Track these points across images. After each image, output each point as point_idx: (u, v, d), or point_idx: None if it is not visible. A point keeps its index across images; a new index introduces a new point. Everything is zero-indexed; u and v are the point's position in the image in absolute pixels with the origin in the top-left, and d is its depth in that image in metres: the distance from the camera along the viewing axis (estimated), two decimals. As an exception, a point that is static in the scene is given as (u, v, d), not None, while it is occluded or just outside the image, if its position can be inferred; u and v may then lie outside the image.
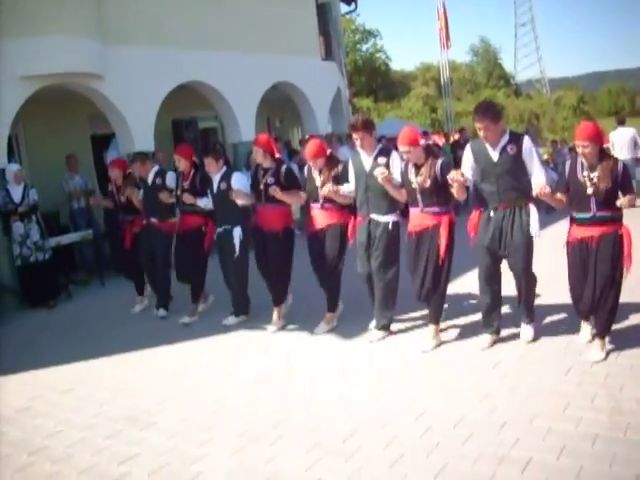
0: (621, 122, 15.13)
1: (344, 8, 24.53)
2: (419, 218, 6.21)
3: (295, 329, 7.30)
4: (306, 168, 7.18)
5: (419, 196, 6.13)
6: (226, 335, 7.34)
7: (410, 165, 6.19)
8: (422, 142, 6.18)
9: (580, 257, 5.54)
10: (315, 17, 16.35)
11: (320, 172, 6.90)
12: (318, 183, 6.87)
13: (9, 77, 9.83)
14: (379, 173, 6.10)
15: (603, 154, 5.44)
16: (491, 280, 6.01)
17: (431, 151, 6.25)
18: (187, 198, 7.77)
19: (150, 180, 8.34)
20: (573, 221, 5.63)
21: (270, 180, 7.14)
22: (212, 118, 16.21)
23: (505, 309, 6.65)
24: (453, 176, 5.65)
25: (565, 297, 6.04)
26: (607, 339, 5.61)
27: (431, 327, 6.36)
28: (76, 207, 11.72)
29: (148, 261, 8.50)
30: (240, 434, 4.81)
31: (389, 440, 4.45)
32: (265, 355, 6.58)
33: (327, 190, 6.60)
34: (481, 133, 5.78)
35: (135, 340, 7.46)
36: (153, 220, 8.34)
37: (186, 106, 14.29)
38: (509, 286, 6.13)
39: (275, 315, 7.43)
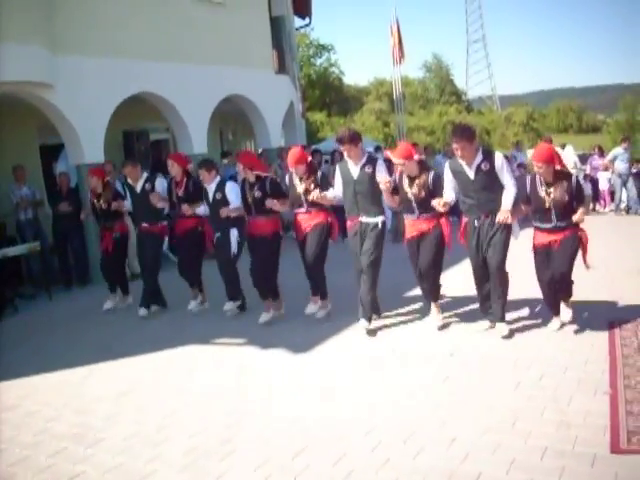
0: (562, 147, 16.91)
1: (298, 22, 24.67)
2: (416, 224, 6.92)
3: (247, 343, 7.23)
4: (287, 176, 7.84)
5: (414, 205, 6.84)
6: (177, 349, 7.22)
7: (404, 177, 6.85)
8: (416, 157, 6.84)
9: (544, 256, 6.36)
10: (269, 30, 16.32)
11: (301, 179, 7.50)
12: (300, 189, 7.46)
13: (-45, 85, 9.59)
14: (384, 182, 6.72)
15: (558, 172, 6.21)
16: (482, 278, 6.69)
17: (424, 165, 6.95)
18: (186, 209, 8.23)
19: (139, 186, 8.71)
20: (537, 229, 6.47)
21: (257, 194, 7.63)
22: (164, 130, 16.07)
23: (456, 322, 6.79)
24: (436, 204, 6.48)
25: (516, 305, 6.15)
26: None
27: (433, 306, 7.17)
28: (23, 218, 11.46)
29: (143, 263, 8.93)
30: (189, 450, 4.73)
31: (339, 457, 4.42)
32: (217, 369, 6.49)
33: (315, 196, 7.20)
34: (458, 152, 6.39)
35: (84, 354, 7.31)
36: (144, 225, 8.75)
37: (137, 117, 14.14)
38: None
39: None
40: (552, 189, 6.15)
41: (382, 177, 6.83)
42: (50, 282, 10.93)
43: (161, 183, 8.69)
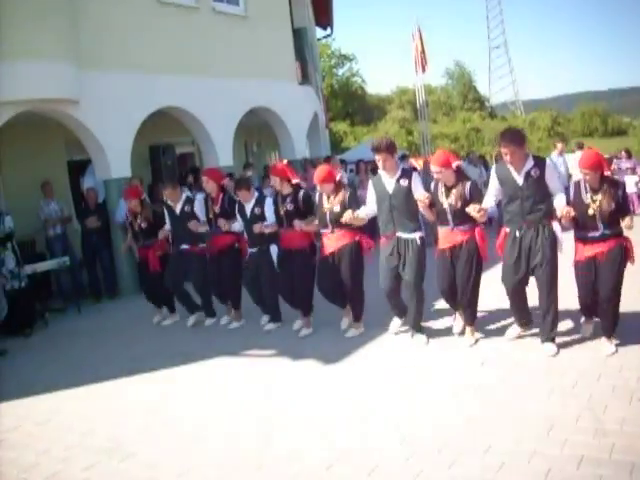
0: (580, 147, 16.33)
1: (320, 33, 24.76)
2: (450, 236, 6.67)
3: (275, 355, 7.22)
4: (317, 194, 7.49)
5: (449, 216, 6.60)
6: (208, 362, 7.24)
7: (440, 185, 6.65)
8: (454, 164, 6.58)
9: (589, 272, 6.02)
10: (291, 42, 16.39)
11: (328, 197, 7.28)
12: (326, 209, 7.26)
13: (-15, 102, 9.72)
14: (421, 199, 6.53)
15: (605, 178, 5.91)
16: (516, 294, 6.39)
17: (461, 173, 6.69)
18: (222, 223, 8.13)
19: (179, 208, 8.66)
20: (579, 240, 6.11)
21: (289, 207, 7.61)
22: (189, 143, 16.17)
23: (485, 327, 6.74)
24: (470, 211, 6.19)
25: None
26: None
27: (468, 329, 6.85)
28: (52, 234, 11.58)
29: (179, 284, 8.82)
30: (220, 464, 4.72)
31: (372, 467, 4.39)
32: (248, 382, 6.47)
33: (347, 218, 6.85)
34: (507, 158, 6.11)
35: (115, 369, 7.34)
36: (184, 247, 8.68)
37: (163, 131, 14.22)
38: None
39: (305, 322, 7.88)
40: (598, 196, 5.85)
41: (420, 193, 6.63)
42: (79, 296, 11.03)
43: (200, 204, 8.59)
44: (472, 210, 6.17)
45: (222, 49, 13.83)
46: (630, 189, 16.31)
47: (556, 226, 6.16)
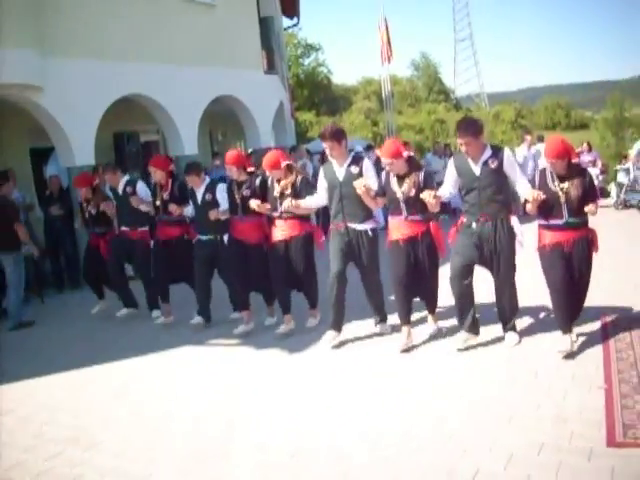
0: (541, 140, 16.71)
1: (286, 22, 24.67)
2: (403, 226, 6.44)
3: (239, 345, 7.23)
4: (269, 180, 7.28)
5: (403, 205, 6.37)
6: (170, 352, 7.24)
7: (392, 175, 6.44)
8: (405, 154, 6.38)
9: (557, 259, 5.82)
10: (258, 30, 16.32)
11: (279, 181, 7.09)
12: (275, 193, 7.07)
13: (-56, 88, 9.56)
14: (358, 186, 6.32)
15: (572, 166, 5.77)
16: (459, 281, 6.20)
17: (413, 162, 6.51)
18: (173, 208, 7.97)
19: (121, 190, 8.58)
20: (543, 227, 5.96)
21: (246, 192, 7.36)
22: (154, 131, 16.04)
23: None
24: (425, 197, 5.99)
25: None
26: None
27: (430, 317, 6.81)
28: (15, 222, 11.42)
29: (117, 269, 8.79)
30: (185, 454, 4.73)
31: (339, 454, 4.44)
32: (211, 371, 6.49)
33: (287, 205, 6.81)
34: (463, 148, 6.04)
35: (77, 357, 7.31)
36: (124, 229, 8.62)
37: (128, 119, 14.10)
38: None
39: (269, 310, 7.84)
40: (566, 183, 5.69)
41: (359, 181, 6.39)
42: (42, 285, 10.90)
43: (143, 187, 8.57)
44: (427, 196, 5.99)
45: (188, 36, 13.73)
46: (592, 182, 16.56)
47: (514, 220, 6.07)
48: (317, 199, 6.97)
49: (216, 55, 14.47)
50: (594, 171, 16.76)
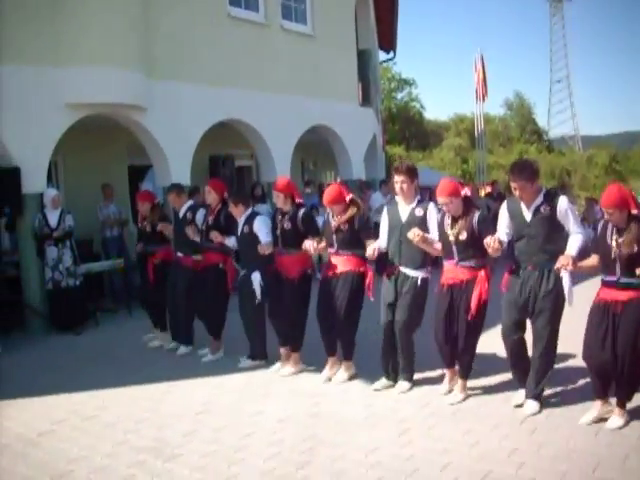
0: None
1: (382, 56, 24.88)
2: (453, 272, 6.11)
3: (318, 371, 7.23)
4: (326, 214, 7.03)
5: (454, 248, 6.04)
6: (252, 373, 7.33)
7: (447, 216, 6.12)
8: (463, 192, 6.06)
9: (601, 318, 5.28)
10: (355, 63, 16.56)
11: (334, 216, 6.79)
12: (333, 228, 6.78)
13: (56, 104, 10.06)
14: (413, 236, 5.99)
15: (632, 217, 5.18)
16: (511, 339, 5.84)
17: (469, 203, 6.12)
18: (215, 236, 7.62)
19: (182, 214, 8.33)
20: (602, 284, 5.40)
21: (287, 225, 7.07)
22: (248, 156, 16.40)
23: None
24: (488, 242, 5.61)
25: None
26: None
27: (460, 381, 6.24)
28: (109, 235, 11.86)
29: (171, 295, 8.41)
30: (264, 472, 4.78)
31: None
32: (290, 396, 6.54)
33: (372, 251, 6.39)
34: (516, 192, 5.71)
35: (162, 372, 7.49)
36: (179, 254, 8.34)
37: (224, 143, 14.46)
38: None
39: (293, 359, 7.29)
40: (622, 237, 5.15)
41: (414, 230, 6.02)
42: (131, 298, 11.22)
43: (202, 215, 8.13)
44: (490, 241, 5.60)
45: (287, 66, 14.04)
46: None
47: (564, 274, 5.53)
48: (380, 242, 6.58)
49: (313, 85, 14.73)
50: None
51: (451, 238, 6.01)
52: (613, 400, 5.39)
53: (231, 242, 7.67)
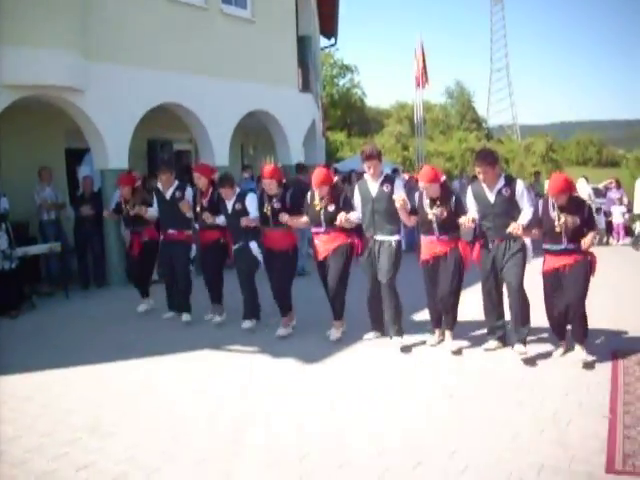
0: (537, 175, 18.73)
1: (324, 42, 25.02)
2: (434, 245, 7.07)
3: (260, 351, 7.40)
4: (309, 194, 7.72)
5: (435, 225, 6.97)
6: (192, 353, 7.42)
7: (425, 196, 7.01)
8: (442, 179, 6.96)
9: (554, 282, 6.51)
10: (295, 49, 16.59)
11: (322, 198, 7.48)
12: (319, 208, 7.48)
13: (-10, 85, 9.89)
14: (398, 199, 6.87)
15: (572, 199, 6.39)
16: (492, 301, 6.97)
17: (446, 187, 7.08)
18: (207, 217, 8.35)
19: (169, 194, 8.85)
20: (546, 252, 6.59)
21: (277, 205, 7.81)
22: (187, 141, 16.36)
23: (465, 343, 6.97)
24: (463, 221, 6.68)
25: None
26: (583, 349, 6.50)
27: (448, 333, 7.25)
28: (46, 219, 11.73)
29: (168, 270, 9.09)
30: (199, 448, 4.89)
31: (342, 462, 4.58)
32: (230, 374, 6.66)
33: (342, 219, 7.19)
34: (480, 176, 6.69)
35: (99, 353, 7.52)
36: (171, 231, 8.88)
37: (162, 127, 14.41)
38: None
39: (284, 321, 8.07)
40: (565, 213, 6.23)
41: (398, 195, 6.97)
42: (68, 282, 11.17)
43: (190, 193, 8.82)
44: (465, 221, 6.66)
45: (227, 50, 14.03)
46: (617, 219, 16.65)
47: (527, 240, 6.70)
48: (358, 213, 7.40)
49: (253, 70, 14.75)
50: (620, 209, 16.85)
51: (431, 217, 6.92)
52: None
53: (221, 220, 8.40)
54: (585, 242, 6.26)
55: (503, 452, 4.60)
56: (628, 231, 16.98)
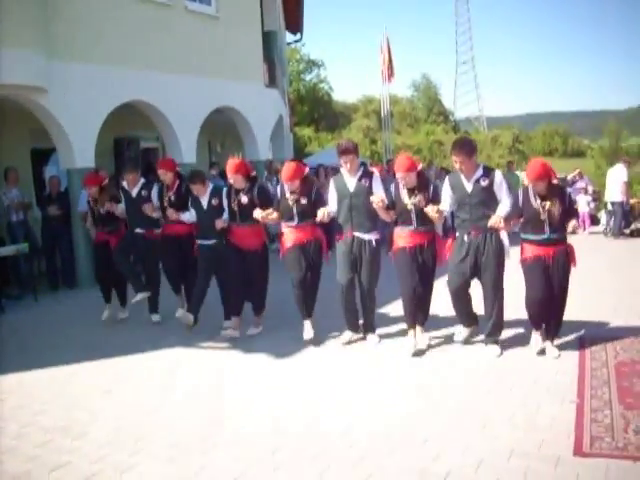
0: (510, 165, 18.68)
1: (290, 37, 25.00)
2: (411, 236, 6.85)
3: (230, 348, 7.42)
4: (279, 187, 7.56)
5: (413, 216, 6.77)
6: (160, 352, 7.42)
7: (401, 187, 6.81)
8: (419, 167, 6.81)
9: (538, 271, 6.32)
10: (261, 44, 16.57)
11: (293, 192, 7.28)
12: (291, 202, 7.27)
13: (-50, 86, 9.76)
14: (376, 200, 6.66)
15: (552, 186, 6.24)
16: (459, 295, 6.75)
17: (423, 176, 6.94)
18: (171, 214, 8.19)
19: (135, 192, 8.63)
20: (525, 241, 6.45)
21: (244, 199, 7.58)
22: (154, 139, 16.28)
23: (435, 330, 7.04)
24: (429, 210, 6.48)
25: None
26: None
27: (418, 328, 6.98)
28: (15, 220, 11.59)
29: (124, 259, 8.70)
30: (171, 444, 4.91)
31: (317, 452, 4.62)
32: (199, 371, 6.68)
33: (324, 214, 7.01)
34: (457, 166, 6.50)
35: (69, 354, 7.48)
36: (138, 231, 8.63)
37: (129, 125, 14.34)
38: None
39: (255, 321, 7.98)
40: (547, 202, 6.15)
41: (376, 195, 6.77)
42: (37, 284, 11.07)
43: (156, 190, 8.59)
44: (430, 210, 6.47)
45: (192, 47, 13.97)
46: (582, 208, 16.85)
47: (503, 234, 6.50)
48: (331, 208, 7.20)
49: (218, 66, 14.71)
50: (586, 198, 17.09)
51: (410, 207, 6.74)
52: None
53: (186, 217, 8.17)
54: (570, 226, 6.26)
55: (473, 439, 4.67)
56: (594, 220, 17.24)
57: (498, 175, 6.54)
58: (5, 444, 5.11)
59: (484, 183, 6.46)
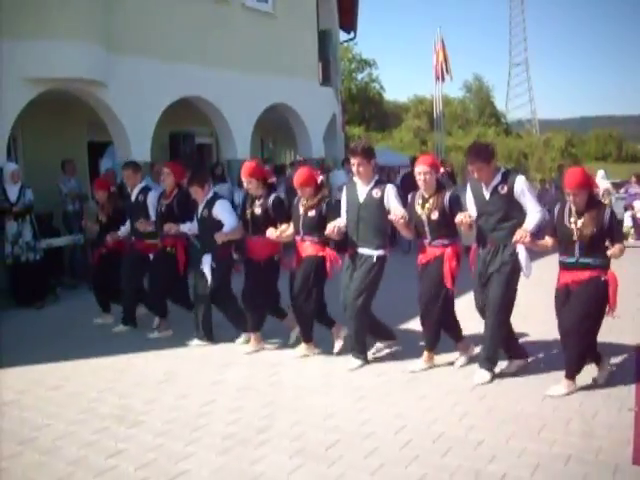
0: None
1: (343, 36, 24.95)
2: (427, 251, 6.19)
3: (279, 345, 7.43)
4: (296, 198, 6.92)
5: (426, 228, 6.11)
6: (211, 347, 7.47)
7: (417, 196, 6.22)
8: (442, 170, 6.28)
9: (560, 301, 5.58)
10: (316, 42, 16.65)
11: (306, 202, 6.72)
12: (299, 213, 6.73)
13: (14, 78, 10.05)
14: (395, 219, 6.02)
15: (592, 200, 5.44)
16: (482, 311, 6.05)
17: (440, 183, 6.22)
18: (170, 228, 7.52)
19: (134, 196, 8.19)
20: (560, 265, 5.61)
21: (257, 210, 6.98)
22: (208, 134, 16.43)
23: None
24: (461, 219, 5.74)
25: (547, 332, 6.59)
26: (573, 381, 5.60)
27: (425, 352, 6.39)
28: (71, 210, 11.79)
29: (133, 285, 8.33)
30: (226, 436, 4.94)
31: (370, 450, 4.61)
32: (250, 366, 6.73)
33: (332, 229, 6.34)
34: (474, 175, 5.86)
35: (123, 344, 7.60)
36: (133, 238, 8.24)
37: (184, 120, 14.48)
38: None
39: (253, 338, 7.25)
40: (581, 220, 5.35)
41: (396, 210, 6.10)
42: (90, 274, 11.25)
43: (154, 197, 8.00)
44: (461, 217, 5.76)
45: (248, 44, 14.09)
46: (639, 214, 16.47)
47: (520, 248, 5.73)
48: (342, 223, 6.50)
49: (274, 64, 14.81)
50: (638, 204, 16.67)
51: (423, 217, 6.09)
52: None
53: (187, 227, 7.59)
54: (612, 251, 5.25)
55: (530, 443, 4.61)
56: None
57: (519, 182, 5.75)
58: (63, 429, 5.20)
59: (502, 191, 5.75)
